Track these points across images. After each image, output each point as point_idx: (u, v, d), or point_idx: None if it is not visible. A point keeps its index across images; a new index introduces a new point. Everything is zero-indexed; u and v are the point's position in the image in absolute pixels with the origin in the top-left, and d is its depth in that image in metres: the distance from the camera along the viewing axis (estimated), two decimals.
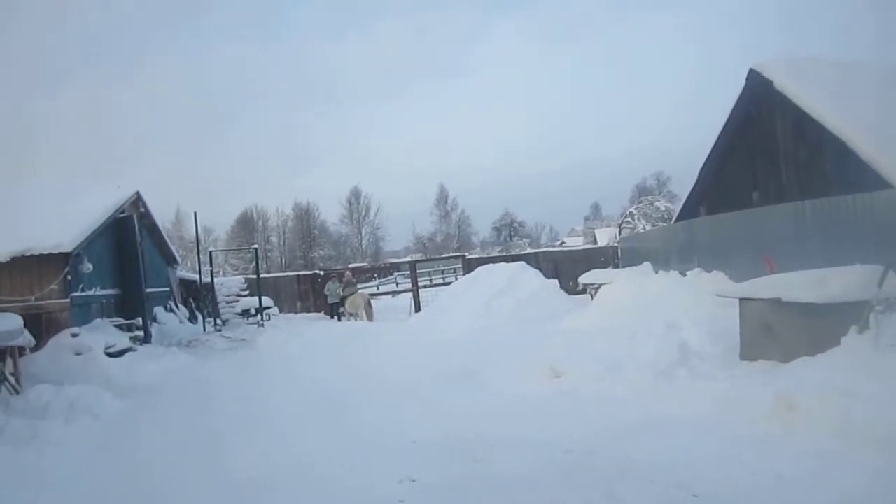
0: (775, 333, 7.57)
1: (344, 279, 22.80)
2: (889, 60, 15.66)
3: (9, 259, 12.71)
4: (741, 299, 8.18)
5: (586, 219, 79.55)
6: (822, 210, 10.78)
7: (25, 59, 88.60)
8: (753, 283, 8.39)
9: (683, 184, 22.58)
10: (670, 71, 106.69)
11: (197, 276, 21.79)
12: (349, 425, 7.39)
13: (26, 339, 10.54)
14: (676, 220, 19.40)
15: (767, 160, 15.31)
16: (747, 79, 15.14)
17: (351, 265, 33.51)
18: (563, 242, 69.80)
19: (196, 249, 22.70)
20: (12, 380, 9.87)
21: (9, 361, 10.04)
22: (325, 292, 23.60)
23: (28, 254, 12.95)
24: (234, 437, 7.21)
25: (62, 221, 13.78)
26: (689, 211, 18.51)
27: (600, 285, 16.00)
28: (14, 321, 10.19)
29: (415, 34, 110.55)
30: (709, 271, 13.05)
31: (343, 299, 21.85)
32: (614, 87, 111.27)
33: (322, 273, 27.56)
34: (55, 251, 13.08)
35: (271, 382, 10.89)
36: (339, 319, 22.11)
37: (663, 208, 42.30)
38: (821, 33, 78.16)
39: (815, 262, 8.74)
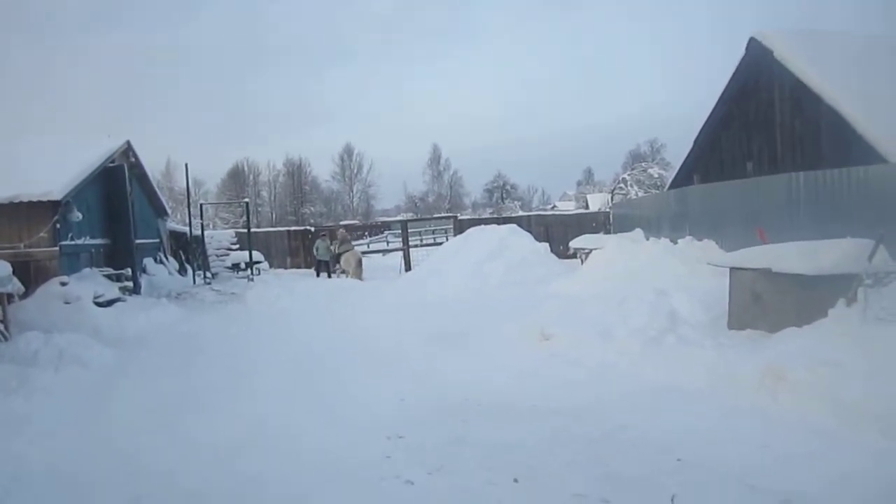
0: (764, 303, 7.63)
1: (339, 236, 22.72)
2: (892, 35, 15.53)
3: None
4: (732, 268, 8.21)
5: (579, 183, 79.49)
6: (816, 182, 10.80)
7: (16, 11, 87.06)
8: (744, 252, 8.41)
9: (677, 152, 22.60)
10: (666, 37, 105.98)
11: (187, 229, 21.68)
12: (337, 383, 7.43)
13: (15, 286, 10.50)
14: (669, 188, 19.44)
15: (763, 131, 15.28)
16: (747, 47, 15.03)
17: (342, 222, 33.44)
18: (554, 206, 69.79)
19: (187, 201, 22.56)
20: (1, 327, 9.86)
21: None
22: (314, 250, 23.42)
23: (17, 200, 12.84)
24: (220, 392, 7.23)
25: (52, 170, 13.64)
26: (682, 179, 18.52)
27: (591, 250, 16.04)
28: (3, 268, 10.14)
29: None
30: (700, 240, 13.10)
31: (338, 256, 21.79)
32: (610, 52, 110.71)
33: (313, 229, 27.46)
34: (44, 199, 12.96)
35: (260, 338, 10.92)
36: (329, 276, 22.05)
37: (656, 175, 42.22)
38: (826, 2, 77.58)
39: (807, 234, 8.79)
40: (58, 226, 13.38)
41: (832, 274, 6.83)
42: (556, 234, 25.14)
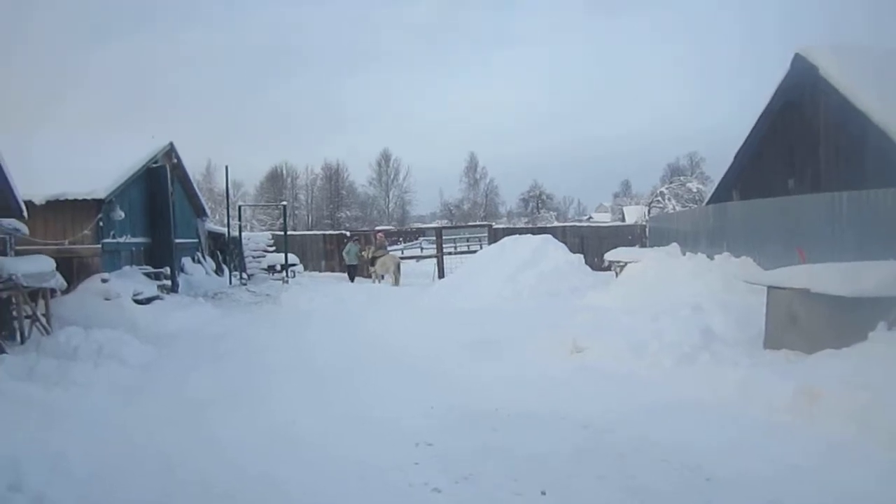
0: (801, 324, 7.51)
1: (376, 241, 22.87)
2: None
3: (44, 202, 12.93)
4: (769, 287, 8.10)
5: (615, 195, 78.90)
6: (860, 202, 10.58)
7: (66, 12, 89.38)
8: (783, 271, 8.29)
9: (717, 166, 22.28)
10: (706, 47, 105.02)
11: (225, 230, 22.01)
12: (367, 387, 7.47)
13: (58, 281, 10.77)
14: (708, 203, 19.18)
15: (806, 148, 15.02)
16: (792, 63, 14.80)
17: (378, 228, 33.62)
18: (590, 217, 69.38)
19: (226, 203, 22.87)
20: (43, 321, 10.12)
21: (41, 303, 10.29)
22: (344, 254, 23.77)
23: (62, 198, 13.18)
24: (252, 392, 7.33)
25: (97, 169, 13.97)
26: (721, 194, 18.27)
27: (626, 263, 15.93)
28: (47, 263, 10.41)
29: (455, 2, 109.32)
30: (737, 256, 12.93)
31: (373, 260, 21.89)
32: (649, 60, 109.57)
33: (349, 234, 27.67)
34: (89, 197, 13.29)
35: (292, 340, 11.02)
36: (352, 281, 22.33)
37: (695, 189, 41.80)
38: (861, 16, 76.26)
39: (848, 255, 8.64)
40: (101, 224, 13.69)
41: (873, 297, 6.71)
42: (591, 245, 25.00)
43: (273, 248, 23.14)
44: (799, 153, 15.40)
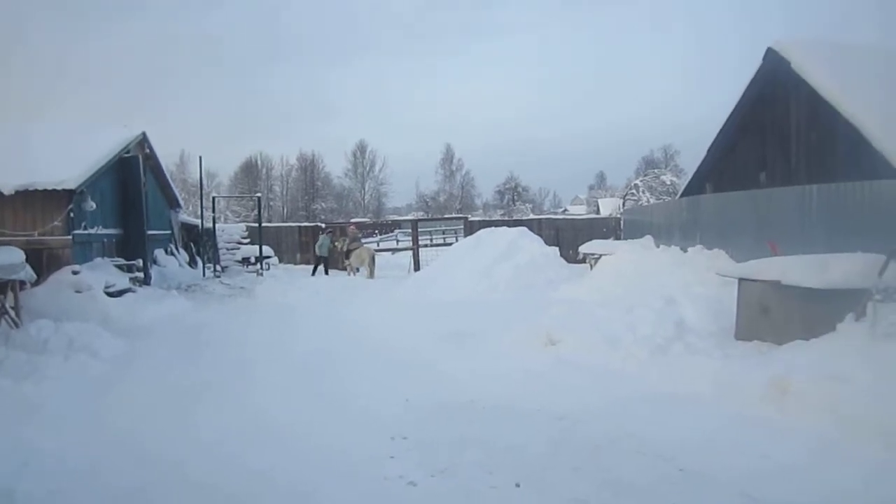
0: (772, 315, 7.63)
1: (349, 233, 22.75)
2: None
3: (13, 193, 12.74)
4: (741, 279, 8.21)
5: (591, 188, 79.37)
6: (829, 195, 10.75)
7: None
8: (754, 263, 8.41)
9: (691, 159, 22.49)
10: (681, 40, 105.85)
11: (198, 221, 21.82)
12: (343, 380, 7.47)
13: (28, 273, 10.59)
14: (682, 196, 19.36)
15: (777, 141, 15.22)
16: (764, 57, 14.94)
17: (353, 220, 33.52)
18: (565, 210, 69.78)
19: (199, 194, 22.68)
20: (13, 313, 9.95)
21: (10, 295, 10.11)
22: (316, 247, 23.13)
23: (32, 188, 12.98)
24: (227, 385, 7.28)
25: (67, 159, 13.76)
26: (694, 187, 18.45)
27: (600, 256, 16.03)
28: (16, 255, 10.23)
29: None
30: (710, 249, 13.05)
31: (348, 253, 21.79)
32: (625, 54, 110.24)
33: (324, 226, 27.54)
34: (59, 187, 13.09)
35: (267, 332, 10.95)
36: (327, 273, 22.09)
37: (669, 182, 42.13)
38: (831, 14, 77.34)
39: (818, 247, 8.76)
40: (72, 215, 13.50)
41: (842, 288, 6.82)
42: (567, 238, 25.13)
43: (247, 241, 23.00)
44: (770, 147, 15.59)
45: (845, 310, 6.62)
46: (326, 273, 22.13)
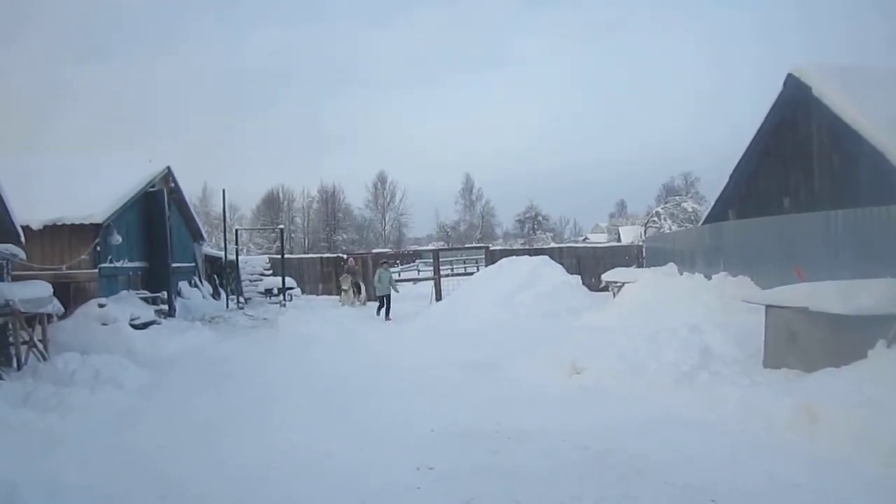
0: (800, 342, 7.52)
1: (346, 267, 22.80)
2: None
3: (41, 227, 12.94)
4: (767, 306, 8.11)
5: (611, 216, 79.14)
6: (855, 220, 10.63)
7: (61, 33, 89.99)
8: (781, 290, 8.30)
9: (712, 186, 22.40)
10: (699, 68, 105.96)
11: (222, 253, 22.00)
12: (368, 411, 7.43)
13: (55, 307, 10.74)
14: (704, 223, 19.23)
15: (800, 167, 15.11)
16: (784, 83, 14.91)
17: (374, 250, 33.60)
18: (586, 238, 69.48)
19: (222, 226, 22.90)
20: (40, 346, 10.07)
21: (37, 328, 10.24)
22: (376, 279, 18.80)
23: (60, 223, 13.20)
24: (250, 416, 7.30)
25: (94, 193, 14.00)
26: (717, 214, 18.33)
27: (623, 283, 15.95)
28: (44, 289, 10.37)
29: (450, 24, 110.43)
30: (735, 276, 12.94)
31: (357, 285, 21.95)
32: (642, 82, 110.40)
33: (345, 256, 27.63)
34: (86, 222, 13.31)
35: (291, 364, 10.96)
36: (388, 316, 17.97)
37: (690, 209, 41.88)
38: (844, 39, 77.24)
39: (845, 273, 8.64)
40: (98, 248, 13.68)
41: (872, 314, 6.71)
42: (588, 266, 24.98)
43: (270, 272, 23.12)
44: (794, 172, 15.48)
45: (876, 336, 6.52)
46: (388, 316, 18.00)
